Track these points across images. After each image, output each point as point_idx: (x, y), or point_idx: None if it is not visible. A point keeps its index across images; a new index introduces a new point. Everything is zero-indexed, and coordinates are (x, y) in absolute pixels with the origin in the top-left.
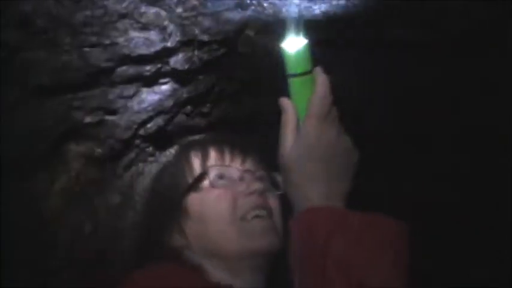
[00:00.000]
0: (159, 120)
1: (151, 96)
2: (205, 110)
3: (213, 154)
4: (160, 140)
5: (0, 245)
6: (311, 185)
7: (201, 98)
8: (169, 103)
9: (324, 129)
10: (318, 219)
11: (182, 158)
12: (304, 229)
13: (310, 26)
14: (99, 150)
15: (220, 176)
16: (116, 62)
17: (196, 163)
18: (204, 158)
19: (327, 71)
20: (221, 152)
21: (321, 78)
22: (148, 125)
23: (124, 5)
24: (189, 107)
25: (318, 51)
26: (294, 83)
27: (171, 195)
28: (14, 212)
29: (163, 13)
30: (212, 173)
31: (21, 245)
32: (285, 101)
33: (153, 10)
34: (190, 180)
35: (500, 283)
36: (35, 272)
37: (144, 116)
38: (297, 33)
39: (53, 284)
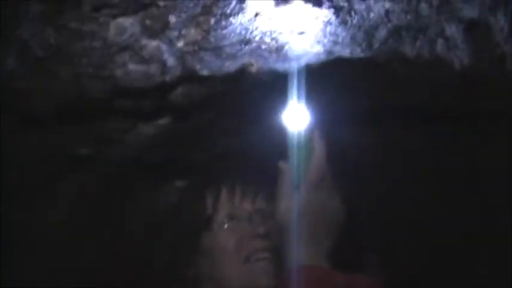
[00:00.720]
0: (156, 155)
1: (148, 130)
2: (205, 145)
3: (224, 194)
4: (157, 175)
5: None
6: (302, 245)
7: (201, 133)
8: (168, 137)
9: (317, 196)
10: (306, 277)
11: (195, 195)
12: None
13: None
14: (92, 183)
15: (230, 217)
16: (114, 95)
17: (208, 202)
18: (216, 197)
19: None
20: (232, 192)
21: (318, 146)
22: (145, 160)
23: (124, 37)
24: (187, 142)
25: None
26: (293, 149)
27: (184, 233)
28: (6, 242)
29: (163, 46)
30: (222, 214)
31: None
32: (282, 165)
33: (153, 43)
34: (201, 219)
35: None
36: None
37: (140, 150)
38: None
39: None
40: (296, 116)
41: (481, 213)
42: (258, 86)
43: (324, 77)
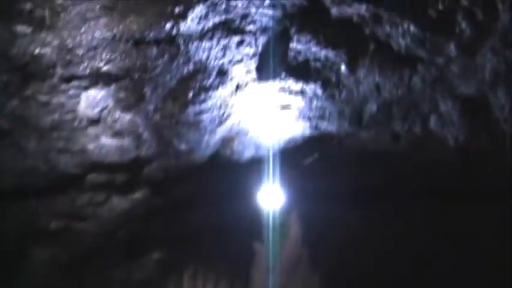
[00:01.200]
0: (131, 228)
1: (123, 204)
2: (182, 218)
3: (196, 277)
4: (132, 248)
5: None
6: None
7: (177, 206)
8: (142, 211)
9: (291, 278)
10: None
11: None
12: None
13: None
14: (64, 257)
15: None
16: (85, 169)
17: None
18: (190, 279)
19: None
20: (204, 275)
21: (294, 229)
22: (119, 233)
23: (96, 110)
24: (163, 215)
25: None
26: (269, 229)
27: None
28: None
29: (138, 120)
30: None
31: None
32: (257, 246)
33: (128, 117)
34: None
35: None
36: None
37: (114, 224)
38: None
39: None
40: (275, 195)
41: None
42: (237, 162)
43: (308, 153)
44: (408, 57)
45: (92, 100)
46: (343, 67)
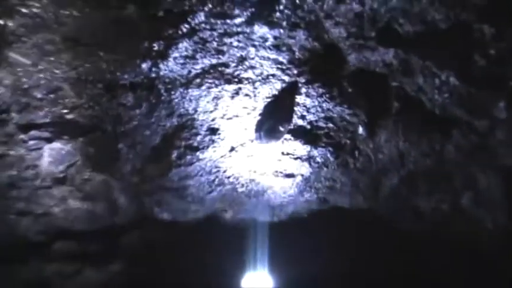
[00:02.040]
0: None
1: (97, 276)
2: None
3: None
4: None
5: None
6: None
7: (158, 279)
8: (120, 284)
9: None
10: None
11: None
12: None
13: None
14: None
15: None
16: (51, 236)
17: None
18: None
19: None
20: None
21: None
22: None
23: (61, 167)
24: None
25: None
26: None
27: None
28: None
29: (113, 182)
30: None
31: None
32: None
33: (100, 177)
34: None
35: None
36: None
37: None
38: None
39: None
40: (268, 276)
41: None
42: (228, 237)
43: (314, 231)
44: (443, 119)
45: (56, 154)
46: (360, 129)
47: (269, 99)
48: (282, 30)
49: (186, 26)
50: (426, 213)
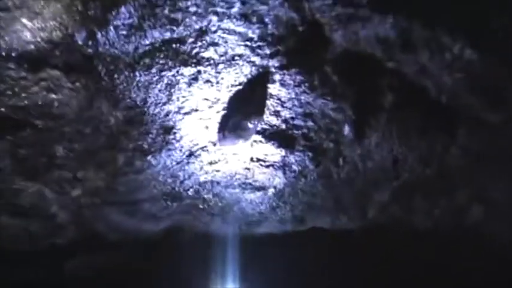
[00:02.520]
0: None
1: None
2: None
3: None
4: None
5: None
6: None
7: None
8: None
9: None
10: None
11: None
12: None
13: None
14: None
15: None
16: None
17: None
18: None
19: None
20: None
21: None
22: None
23: None
24: None
25: None
26: None
27: None
28: None
29: (50, 194)
30: None
31: None
32: None
33: (34, 187)
34: None
35: None
36: None
37: None
38: None
39: None
40: None
41: None
42: (188, 257)
43: (285, 253)
44: (449, 112)
45: None
46: (346, 129)
47: (235, 88)
48: None
49: None
50: (424, 234)
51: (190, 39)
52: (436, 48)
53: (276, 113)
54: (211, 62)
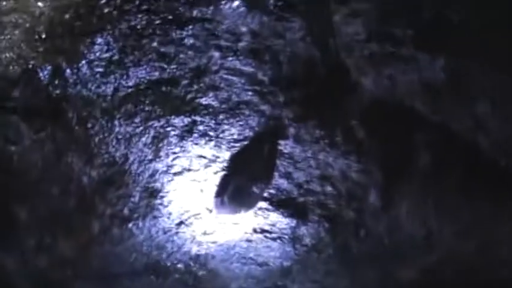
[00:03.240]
0: None
1: None
2: None
3: None
4: None
5: None
6: None
7: None
8: None
9: None
10: None
11: None
12: None
13: None
14: None
15: None
16: None
17: None
18: None
19: None
20: None
21: None
22: None
23: None
24: None
25: None
26: None
27: None
28: None
29: (10, 264)
30: None
31: None
32: None
33: None
34: None
35: None
36: None
37: None
38: None
39: None
40: None
41: None
42: None
43: None
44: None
45: None
46: (372, 195)
47: (238, 144)
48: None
49: None
50: None
51: (185, 81)
52: (498, 99)
53: (288, 176)
54: (210, 110)
